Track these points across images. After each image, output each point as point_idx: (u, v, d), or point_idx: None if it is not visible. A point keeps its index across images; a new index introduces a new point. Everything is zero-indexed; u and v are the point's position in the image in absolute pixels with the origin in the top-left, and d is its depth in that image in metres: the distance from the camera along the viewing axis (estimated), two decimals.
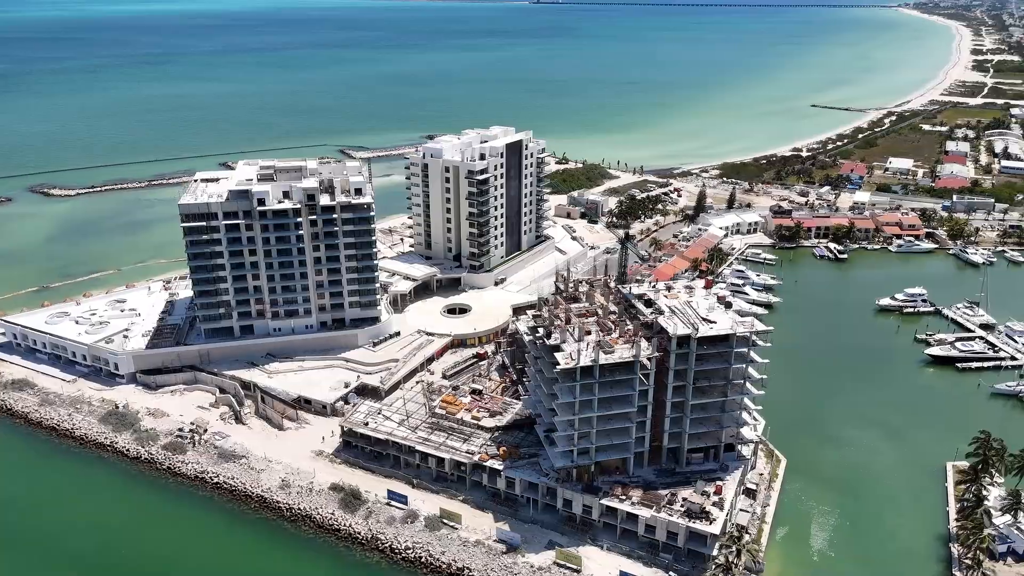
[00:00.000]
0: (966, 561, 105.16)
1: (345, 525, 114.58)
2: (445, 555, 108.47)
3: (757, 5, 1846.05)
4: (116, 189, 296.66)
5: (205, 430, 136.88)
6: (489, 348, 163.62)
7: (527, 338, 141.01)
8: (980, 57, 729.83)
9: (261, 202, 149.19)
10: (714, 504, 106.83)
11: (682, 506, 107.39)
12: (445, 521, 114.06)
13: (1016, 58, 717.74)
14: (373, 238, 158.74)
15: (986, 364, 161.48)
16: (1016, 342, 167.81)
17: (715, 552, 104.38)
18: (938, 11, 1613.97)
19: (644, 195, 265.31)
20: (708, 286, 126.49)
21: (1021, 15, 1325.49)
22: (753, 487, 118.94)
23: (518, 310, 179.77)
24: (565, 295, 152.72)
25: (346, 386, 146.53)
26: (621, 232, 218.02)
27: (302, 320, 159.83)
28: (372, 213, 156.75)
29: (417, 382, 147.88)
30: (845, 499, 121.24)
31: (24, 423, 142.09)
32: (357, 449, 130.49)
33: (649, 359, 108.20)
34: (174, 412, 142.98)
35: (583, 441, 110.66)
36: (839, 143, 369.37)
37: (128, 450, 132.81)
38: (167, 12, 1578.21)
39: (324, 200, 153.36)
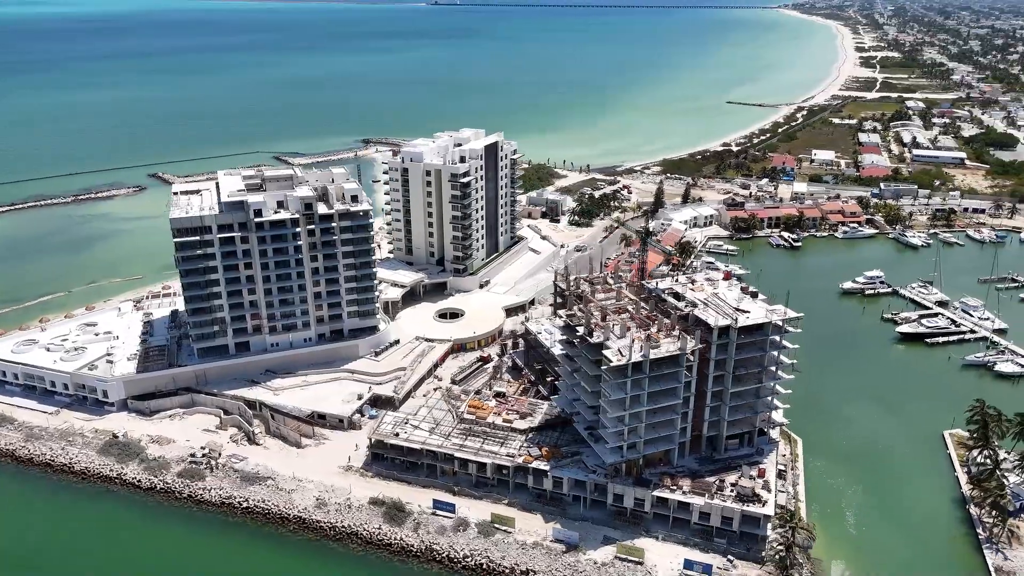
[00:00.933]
0: (987, 520, 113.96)
1: (396, 539, 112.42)
2: (506, 560, 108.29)
3: (647, 7, 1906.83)
4: (40, 206, 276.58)
5: (219, 454, 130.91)
6: (492, 351, 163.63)
7: (550, 338, 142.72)
8: (865, 54, 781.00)
9: (258, 213, 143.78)
10: (762, 487, 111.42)
11: (732, 491, 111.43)
12: (497, 526, 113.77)
13: (896, 54, 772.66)
14: (372, 245, 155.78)
15: (951, 338, 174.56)
16: (972, 316, 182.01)
17: (768, 532, 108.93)
18: (816, 12, 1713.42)
19: (600, 193, 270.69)
20: (727, 277, 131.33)
21: (890, 14, 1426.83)
22: (782, 468, 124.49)
23: (510, 311, 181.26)
24: (568, 294, 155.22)
25: (359, 398, 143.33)
26: (638, 228, 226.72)
27: (300, 334, 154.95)
28: (371, 220, 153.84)
29: (435, 389, 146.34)
30: (863, 473, 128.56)
31: (12, 461, 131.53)
32: (387, 461, 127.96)
33: (693, 352, 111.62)
34: (179, 438, 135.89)
35: (632, 436, 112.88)
36: (763, 137, 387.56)
37: (139, 481, 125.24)
38: (44, 16, 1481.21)
39: (321, 209, 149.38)
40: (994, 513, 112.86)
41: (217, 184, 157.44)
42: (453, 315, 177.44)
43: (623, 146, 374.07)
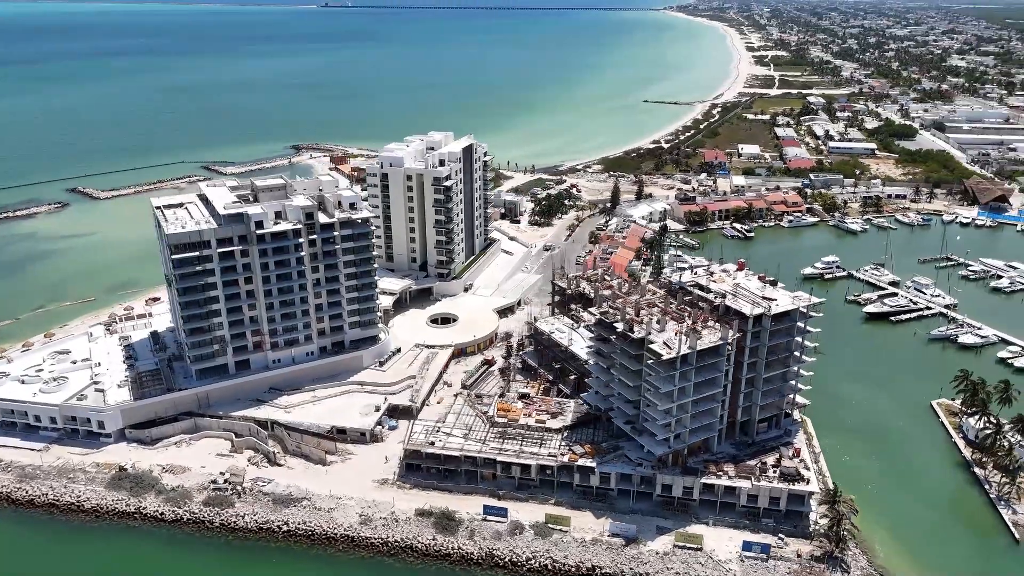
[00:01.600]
0: (994, 481, 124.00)
1: (453, 548, 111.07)
2: (569, 558, 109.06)
3: (538, 8, 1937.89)
4: None
5: (242, 478, 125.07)
6: (496, 353, 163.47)
7: (563, 336, 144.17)
8: (756, 53, 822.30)
9: (259, 225, 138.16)
10: (803, 466, 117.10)
11: (775, 472, 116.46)
12: (552, 526, 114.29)
13: (785, 53, 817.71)
14: (373, 253, 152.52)
15: (913, 315, 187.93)
16: (925, 294, 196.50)
17: (813, 509, 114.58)
18: (699, 13, 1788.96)
19: (556, 192, 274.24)
20: (740, 268, 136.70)
21: (768, 16, 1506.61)
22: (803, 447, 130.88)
23: (500, 314, 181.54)
24: (571, 292, 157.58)
25: (376, 409, 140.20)
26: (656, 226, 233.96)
27: (303, 348, 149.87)
28: (372, 228, 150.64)
29: (455, 395, 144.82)
30: (870, 446, 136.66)
31: (7, 505, 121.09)
32: (422, 471, 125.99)
33: (730, 341, 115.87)
34: (192, 465, 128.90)
35: (678, 426, 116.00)
36: (688, 134, 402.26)
37: (162, 513, 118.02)
38: None
39: (322, 218, 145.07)
40: (1001, 474, 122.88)
41: (203, 197, 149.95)
42: (446, 320, 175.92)
43: (557, 146, 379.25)
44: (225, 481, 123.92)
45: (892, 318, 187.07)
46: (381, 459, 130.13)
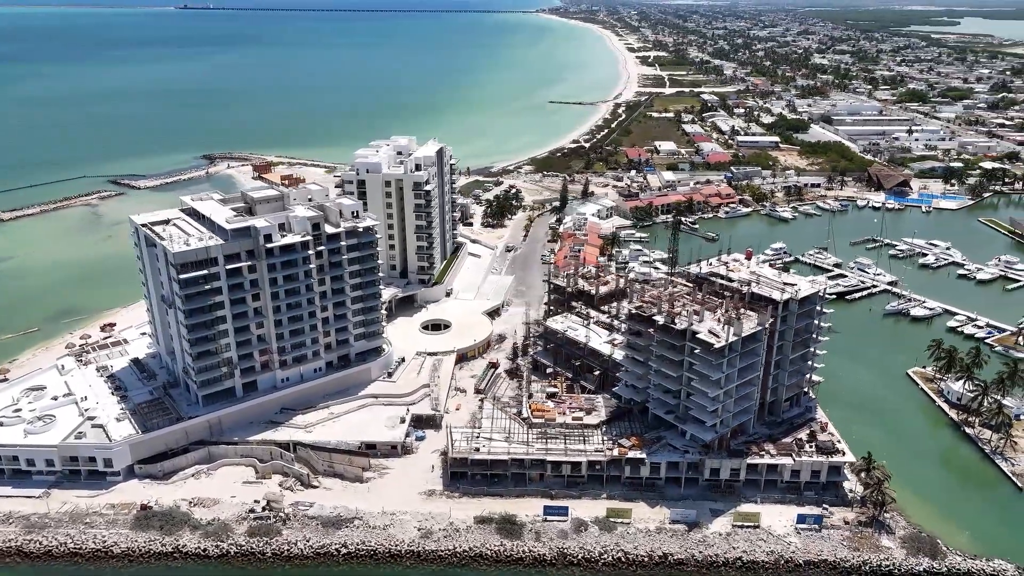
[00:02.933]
0: (984, 436, 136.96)
1: (525, 552, 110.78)
2: (638, 549, 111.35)
3: (413, 10, 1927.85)
4: None
5: (281, 504, 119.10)
6: (500, 356, 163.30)
7: (578, 334, 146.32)
8: (638, 54, 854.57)
9: (268, 238, 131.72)
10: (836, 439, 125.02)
11: (811, 446, 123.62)
12: (614, 520, 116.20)
13: (664, 53, 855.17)
14: (378, 263, 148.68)
15: (864, 294, 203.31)
16: (868, 273, 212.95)
17: (849, 478, 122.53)
18: (571, 15, 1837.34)
19: (503, 193, 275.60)
20: (748, 256, 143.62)
21: (635, 18, 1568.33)
22: None
23: (490, 315, 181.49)
24: (571, 290, 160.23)
25: (402, 421, 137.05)
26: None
27: (311, 364, 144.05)
28: (378, 236, 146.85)
29: (480, 400, 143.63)
30: (869, 416, 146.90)
31: (21, 559, 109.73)
32: (467, 478, 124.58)
33: (767, 327, 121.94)
34: (221, 495, 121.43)
35: (724, 412, 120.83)
36: (603, 133, 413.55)
37: (205, 550, 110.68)
38: None
39: (328, 228, 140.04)
40: (992, 431, 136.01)
41: (191, 211, 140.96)
42: (437, 327, 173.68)
43: (482, 148, 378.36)
44: (264, 508, 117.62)
45: (847, 297, 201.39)
46: (419, 471, 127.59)
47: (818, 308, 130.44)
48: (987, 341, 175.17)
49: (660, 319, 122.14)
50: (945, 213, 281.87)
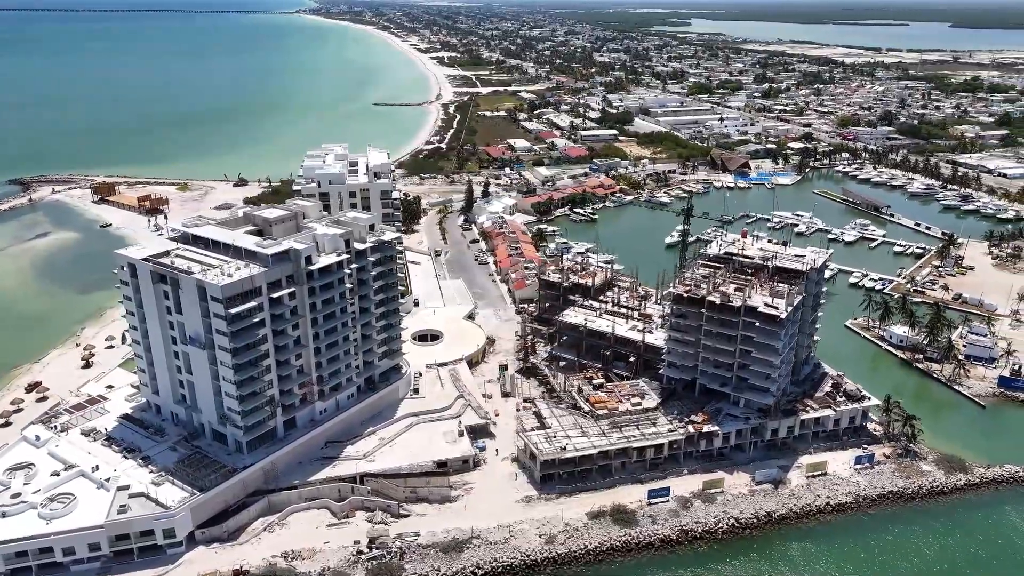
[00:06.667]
0: (937, 368, 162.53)
1: (650, 535, 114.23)
2: (744, 513, 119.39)
3: (161, 10, 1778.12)
4: None
5: (388, 539, 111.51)
6: (504, 359, 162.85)
7: (604, 325, 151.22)
8: (433, 56, 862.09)
9: (308, 260, 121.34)
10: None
11: (841, 397, 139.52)
12: (710, 491, 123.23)
13: (455, 54, 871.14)
14: (400, 276, 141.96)
15: None
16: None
17: (873, 419, 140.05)
18: (336, 16, 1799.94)
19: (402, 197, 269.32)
20: (744, 236, 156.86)
21: (403, 18, 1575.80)
22: None
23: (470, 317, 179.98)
24: (567, 285, 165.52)
25: (460, 434, 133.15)
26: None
27: (345, 392, 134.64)
28: (401, 249, 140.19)
29: (524, 401, 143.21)
30: (834, 364, 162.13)
31: None
32: (555, 478, 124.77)
33: (804, 296, 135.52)
34: (313, 544, 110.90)
35: (780, 377, 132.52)
36: (451, 132, 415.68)
37: None
38: None
39: (356, 245, 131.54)
40: (944, 363, 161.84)
41: (197, 238, 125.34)
42: (424, 337, 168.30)
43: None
44: (373, 548, 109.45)
45: None
46: (500, 480, 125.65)
47: (821, 276, 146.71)
48: (886, 291, 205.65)
49: (715, 298, 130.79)
50: (786, 189, 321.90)
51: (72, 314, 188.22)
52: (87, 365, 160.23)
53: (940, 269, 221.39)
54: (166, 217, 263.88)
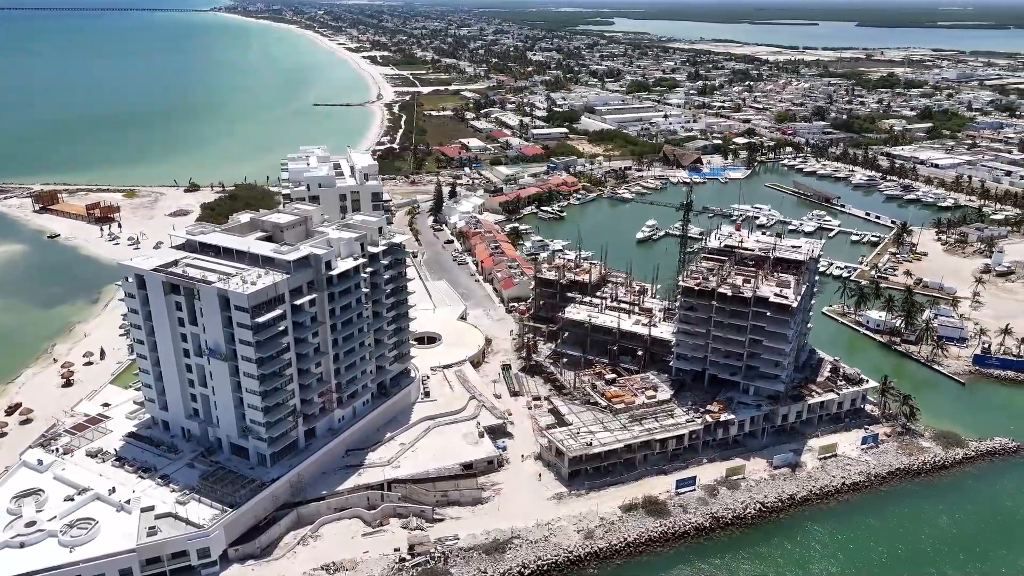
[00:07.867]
0: (912, 349, 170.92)
1: (684, 525, 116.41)
2: (768, 497, 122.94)
3: (70, 8, 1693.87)
4: None
5: (428, 544, 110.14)
6: (504, 358, 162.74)
7: (606, 320, 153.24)
8: (365, 55, 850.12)
9: (328, 266, 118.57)
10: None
11: (841, 380, 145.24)
12: (733, 478, 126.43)
13: (388, 53, 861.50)
14: (410, 279, 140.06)
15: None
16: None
17: (871, 401, 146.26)
18: (253, 14, 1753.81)
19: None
20: (738, 229, 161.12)
21: (325, 16, 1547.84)
22: None
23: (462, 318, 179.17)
24: (563, 283, 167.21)
25: (481, 436, 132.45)
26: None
27: (360, 398, 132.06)
28: (409, 252, 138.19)
29: (545, 398, 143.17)
30: (819, 349, 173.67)
31: None
32: (581, 474, 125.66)
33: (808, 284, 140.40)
34: (352, 555, 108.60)
35: (789, 364, 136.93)
36: (400, 132, 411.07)
37: None
38: None
39: (370, 248, 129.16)
40: (922, 344, 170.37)
41: (205, 245, 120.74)
42: (430, 339, 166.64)
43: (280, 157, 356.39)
44: (415, 555, 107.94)
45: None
46: (527, 479, 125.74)
47: (817, 265, 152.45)
48: (852, 278, 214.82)
49: (726, 290, 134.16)
50: (738, 182, 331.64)
51: (38, 330, 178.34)
52: (68, 384, 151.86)
53: (897, 256, 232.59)
54: (120, 226, 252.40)
